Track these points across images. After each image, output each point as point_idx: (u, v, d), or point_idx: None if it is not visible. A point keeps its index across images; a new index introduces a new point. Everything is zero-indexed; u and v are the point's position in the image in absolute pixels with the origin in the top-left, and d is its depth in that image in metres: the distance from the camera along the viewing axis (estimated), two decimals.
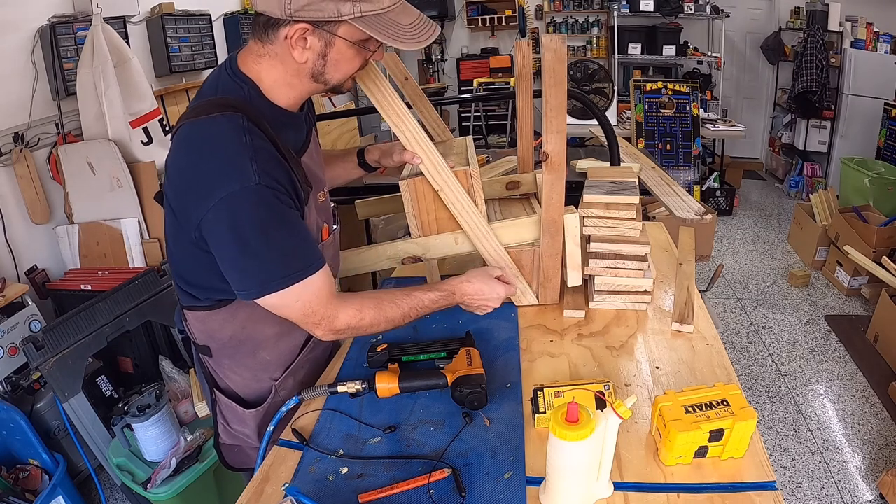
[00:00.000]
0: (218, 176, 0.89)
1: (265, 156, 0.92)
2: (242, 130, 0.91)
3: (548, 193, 1.18)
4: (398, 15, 0.92)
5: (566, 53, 1.06)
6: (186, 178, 0.93)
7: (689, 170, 4.66)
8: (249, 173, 0.88)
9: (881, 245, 3.32)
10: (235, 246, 0.91)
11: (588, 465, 0.79)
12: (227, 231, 0.90)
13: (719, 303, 3.55)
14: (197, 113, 0.93)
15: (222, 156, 0.90)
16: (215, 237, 0.92)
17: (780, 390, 2.73)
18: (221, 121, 0.91)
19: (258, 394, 1.18)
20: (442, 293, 1.13)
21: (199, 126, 0.93)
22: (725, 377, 1.07)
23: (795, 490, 2.18)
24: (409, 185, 1.22)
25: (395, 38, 0.91)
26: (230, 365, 1.16)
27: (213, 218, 0.90)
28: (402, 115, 1.15)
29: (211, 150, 0.91)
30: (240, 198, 0.88)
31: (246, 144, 0.90)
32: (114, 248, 2.52)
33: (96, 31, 2.39)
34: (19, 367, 2.12)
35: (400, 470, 0.91)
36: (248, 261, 0.92)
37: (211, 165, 0.90)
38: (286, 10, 0.87)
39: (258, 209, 0.90)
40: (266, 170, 0.90)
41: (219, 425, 1.24)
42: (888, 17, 4.95)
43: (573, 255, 1.27)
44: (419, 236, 1.29)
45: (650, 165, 2.38)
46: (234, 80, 0.97)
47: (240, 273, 0.94)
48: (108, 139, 2.43)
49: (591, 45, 6.26)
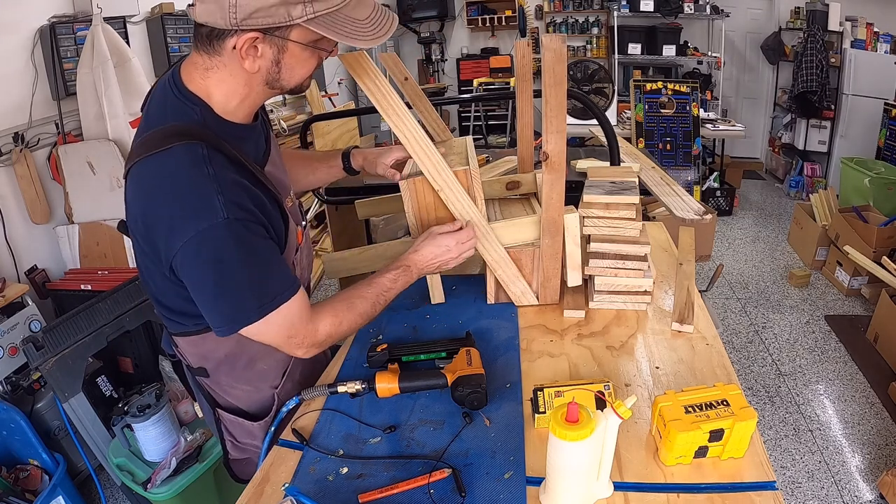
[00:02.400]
0: (184, 215, 0.84)
1: (230, 185, 0.87)
2: (203, 161, 0.85)
3: (548, 193, 1.18)
4: (353, 9, 0.87)
5: (566, 53, 1.06)
6: (151, 221, 0.88)
7: (689, 170, 4.66)
8: (217, 209, 0.84)
9: (881, 245, 3.32)
10: (208, 284, 0.88)
11: (588, 465, 0.79)
12: (198, 270, 0.87)
13: (719, 303, 3.55)
14: (149, 147, 0.87)
15: (186, 193, 0.85)
16: (188, 275, 0.89)
17: (780, 390, 2.73)
18: (179, 153, 0.85)
19: (261, 404, 1.18)
20: (398, 270, 1.13)
21: (156, 162, 0.86)
22: (725, 377, 1.07)
23: (795, 490, 2.18)
24: (410, 185, 1.22)
25: (351, 37, 0.86)
26: (228, 381, 1.15)
27: (182, 257, 0.86)
28: (402, 115, 1.15)
29: (173, 189, 0.85)
30: (209, 236, 0.84)
31: (209, 176, 0.85)
32: (114, 248, 2.52)
33: (96, 31, 2.39)
34: (19, 367, 2.12)
35: (400, 470, 0.91)
36: (222, 299, 0.90)
37: (175, 206, 0.85)
38: (231, 20, 0.81)
39: (227, 245, 0.86)
40: (233, 200, 0.86)
41: (226, 443, 1.22)
42: (888, 17, 4.95)
43: (573, 255, 1.27)
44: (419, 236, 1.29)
45: (650, 165, 2.38)
46: (182, 102, 0.90)
47: (215, 311, 0.91)
48: (108, 139, 2.43)
49: (591, 45, 6.26)
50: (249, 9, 0.80)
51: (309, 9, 0.82)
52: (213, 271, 0.87)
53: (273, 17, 0.82)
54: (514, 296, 1.35)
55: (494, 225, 1.26)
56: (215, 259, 0.86)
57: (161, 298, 1.01)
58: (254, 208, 0.90)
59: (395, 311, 1.38)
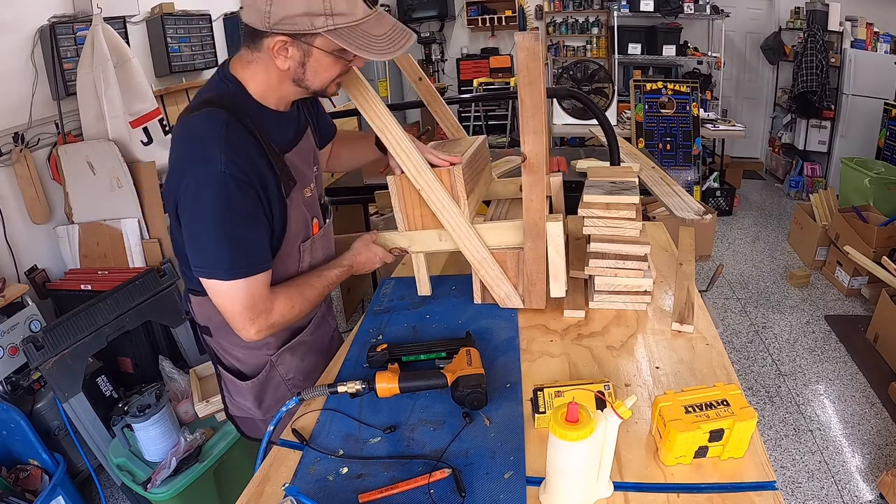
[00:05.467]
0: (189, 161, 0.99)
1: (236, 147, 0.99)
2: (221, 124, 0.99)
3: (527, 195, 1.18)
4: (371, 26, 0.98)
5: (539, 51, 1.06)
6: (171, 167, 1.04)
7: (689, 170, 4.66)
8: (216, 161, 0.97)
9: (881, 245, 3.32)
10: (195, 223, 1.01)
11: (588, 465, 0.79)
12: (189, 209, 1.00)
13: (719, 303, 3.55)
14: (187, 111, 1.04)
15: (195, 144, 1.00)
16: (183, 215, 1.02)
17: (780, 390, 2.73)
18: (203, 116, 1.01)
19: (256, 367, 1.26)
20: (343, 269, 1.26)
21: (185, 122, 1.03)
22: (725, 377, 1.07)
23: (795, 490, 2.18)
24: (396, 181, 1.24)
25: (366, 50, 0.97)
26: (227, 343, 1.24)
27: (182, 199, 1.00)
28: (383, 116, 1.17)
29: (189, 140, 1.02)
30: (203, 180, 0.97)
31: (218, 136, 0.98)
32: (114, 248, 2.52)
33: (96, 31, 2.39)
34: (19, 367, 2.12)
35: (400, 470, 0.91)
36: (203, 240, 1.01)
37: (186, 153, 1.01)
38: (265, 24, 0.95)
39: (218, 194, 0.97)
40: (234, 160, 0.98)
41: (225, 398, 1.34)
42: (888, 17, 4.95)
43: (555, 265, 1.25)
44: (405, 230, 1.30)
45: (650, 165, 2.38)
46: (221, 80, 1.06)
47: (195, 250, 1.03)
48: (108, 139, 2.43)
49: (591, 45, 6.26)
50: (279, 16, 0.94)
51: (330, 21, 0.95)
52: (202, 213, 0.99)
53: (298, 26, 0.95)
54: (499, 298, 1.33)
55: (478, 226, 1.26)
56: (204, 203, 0.98)
57: (179, 252, 1.13)
58: (252, 176, 1.01)
59: (395, 312, 1.38)
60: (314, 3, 0.92)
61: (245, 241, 1.02)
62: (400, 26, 1.02)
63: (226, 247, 1.00)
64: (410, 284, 1.45)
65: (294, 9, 0.92)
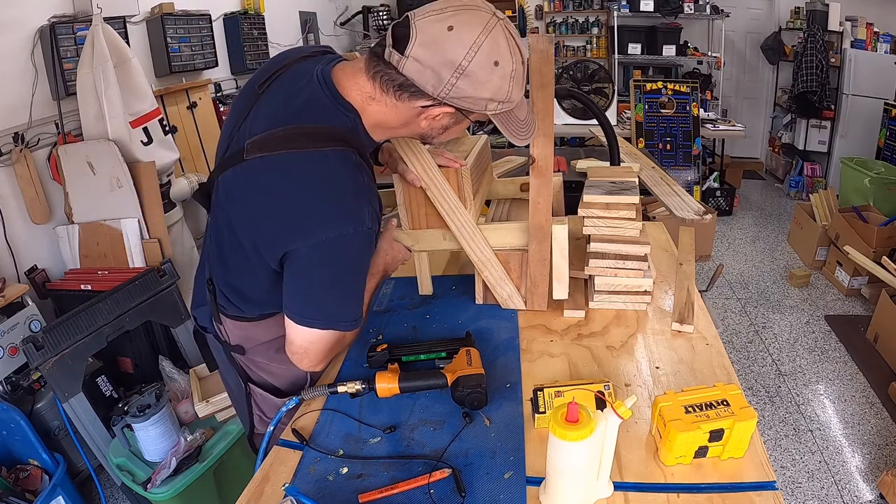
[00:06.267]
0: (333, 215, 0.89)
1: (375, 197, 0.95)
2: (357, 169, 0.92)
3: (534, 198, 1.18)
4: (519, 110, 0.95)
5: (553, 54, 1.06)
6: (291, 210, 0.90)
7: (689, 170, 4.66)
8: (365, 218, 0.91)
9: (881, 245, 3.32)
10: (324, 282, 0.95)
11: (588, 465, 0.79)
12: (323, 267, 0.93)
13: (719, 303, 3.55)
14: (302, 143, 0.90)
15: (341, 195, 0.90)
16: (305, 269, 0.93)
17: (780, 390, 2.73)
18: (335, 157, 0.90)
19: (293, 382, 1.22)
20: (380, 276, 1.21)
21: (311, 158, 0.90)
22: (725, 377, 1.07)
23: (795, 490, 2.18)
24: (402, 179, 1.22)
25: (515, 135, 0.95)
26: (264, 361, 1.20)
27: (310, 251, 0.90)
28: None
29: (327, 188, 0.90)
30: (350, 240, 0.91)
31: (363, 185, 0.92)
32: (114, 248, 2.51)
33: (96, 31, 2.39)
34: (19, 367, 2.12)
35: (400, 470, 0.91)
36: (330, 298, 0.96)
37: (325, 203, 0.89)
38: (441, 94, 0.87)
39: (360, 252, 0.95)
40: (377, 212, 0.94)
41: (254, 417, 1.28)
42: (888, 17, 4.95)
43: (559, 268, 1.26)
44: (409, 228, 1.30)
45: (650, 165, 2.38)
46: (336, 107, 0.94)
47: (315, 305, 0.96)
48: (108, 139, 2.43)
49: (591, 45, 6.26)
50: (462, 93, 0.87)
51: (500, 107, 0.91)
52: (337, 273, 0.94)
53: (475, 106, 0.90)
54: (501, 298, 1.34)
55: (483, 227, 1.26)
56: (344, 263, 0.94)
57: (235, 280, 1.07)
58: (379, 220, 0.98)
59: (395, 312, 1.38)
60: (500, 91, 0.88)
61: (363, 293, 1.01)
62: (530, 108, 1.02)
63: (352, 302, 0.98)
64: (410, 284, 1.45)
65: (481, 93, 0.87)
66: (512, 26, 0.89)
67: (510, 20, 0.90)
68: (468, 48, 0.83)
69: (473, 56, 0.84)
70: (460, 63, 0.84)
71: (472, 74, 0.85)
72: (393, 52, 0.86)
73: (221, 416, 2.00)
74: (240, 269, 1.05)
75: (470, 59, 0.84)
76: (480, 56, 0.84)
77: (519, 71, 0.88)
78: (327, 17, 5.47)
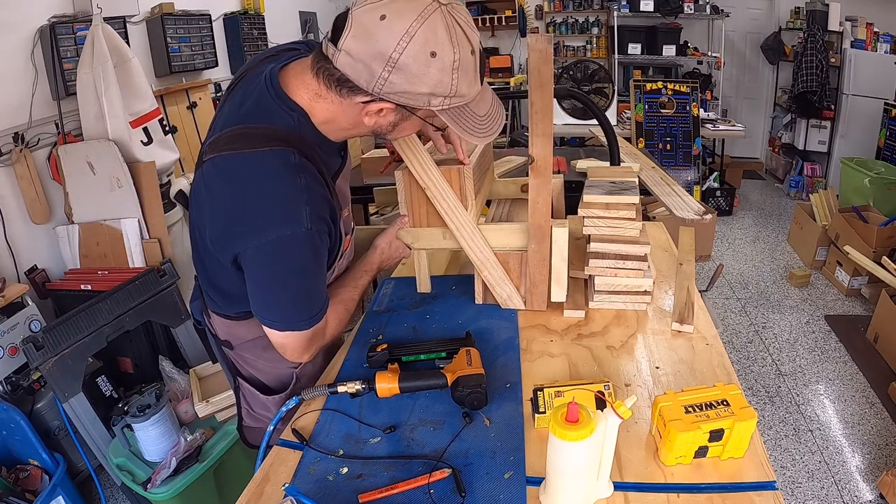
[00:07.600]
0: (268, 217, 0.87)
1: (317, 197, 0.91)
2: (295, 169, 0.88)
3: (533, 198, 1.18)
4: (476, 105, 0.91)
5: (552, 54, 1.05)
6: (229, 214, 0.90)
7: (689, 170, 4.66)
8: (302, 219, 0.88)
9: (881, 245, 3.32)
10: (273, 284, 0.94)
11: (588, 465, 0.79)
12: (268, 269, 0.92)
13: (719, 303, 3.55)
14: (241, 144, 0.88)
15: (275, 197, 0.87)
16: (254, 271, 0.93)
17: (780, 390, 2.73)
18: (272, 157, 0.87)
19: (280, 380, 1.24)
20: (374, 272, 1.25)
21: (248, 160, 0.88)
22: (725, 377, 1.07)
23: (795, 490, 2.18)
24: (404, 175, 1.22)
25: (471, 133, 0.91)
26: (251, 357, 1.22)
27: (255, 254, 0.89)
28: None
29: (261, 190, 0.87)
30: (289, 242, 0.88)
31: (300, 186, 0.88)
32: (114, 248, 2.52)
33: (96, 31, 2.39)
34: (19, 367, 2.12)
35: (400, 470, 0.91)
36: (282, 299, 0.95)
37: (260, 205, 0.87)
38: (375, 89, 0.83)
39: (303, 254, 0.91)
40: (317, 213, 0.90)
41: (242, 409, 1.30)
42: (888, 17, 4.95)
43: (558, 270, 1.26)
44: (409, 226, 1.30)
45: (650, 165, 2.38)
46: (279, 106, 0.91)
47: (268, 306, 0.97)
48: (108, 139, 2.43)
49: (591, 45, 6.27)
50: (397, 88, 0.82)
51: (446, 101, 0.86)
52: (284, 275, 0.92)
53: (415, 101, 0.85)
54: (501, 298, 1.33)
55: (483, 227, 1.26)
56: (288, 265, 0.91)
57: (213, 279, 1.08)
58: (330, 221, 0.95)
59: (395, 312, 1.38)
60: (441, 85, 0.82)
61: (320, 291, 1.00)
62: (497, 102, 0.96)
63: (306, 303, 0.97)
64: (410, 284, 1.45)
65: (418, 87, 0.82)
66: (461, 12, 0.82)
67: (461, 6, 0.83)
68: (398, 39, 0.78)
69: (405, 47, 0.78)
70: (390, 55, 0.78)
71: (405, 67, 0.79)
72: (329, 45, 0.83)
73: (221, 416, 2.00)
74: (214, 269, 1.05)
75: (401, 51, 0.78)
76: (413, 47, 0.78)
77: (467, 62, 0.82)
78: (327, 16, 5.47)
